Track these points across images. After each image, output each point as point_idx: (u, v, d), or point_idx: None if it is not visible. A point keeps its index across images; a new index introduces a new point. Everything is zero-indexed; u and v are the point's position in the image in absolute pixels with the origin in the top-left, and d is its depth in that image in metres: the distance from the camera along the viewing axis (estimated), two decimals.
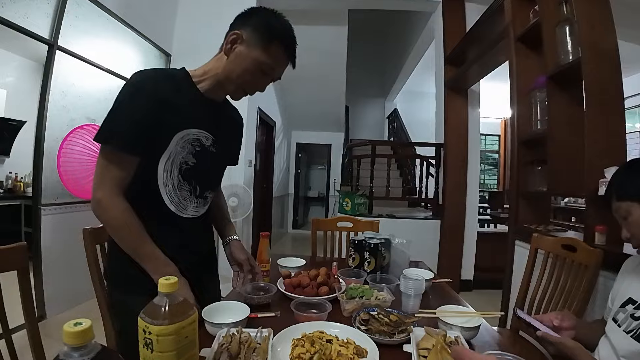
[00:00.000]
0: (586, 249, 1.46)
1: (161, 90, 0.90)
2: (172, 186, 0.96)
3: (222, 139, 1.07)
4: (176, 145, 0.93)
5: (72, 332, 0.44)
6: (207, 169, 1.05)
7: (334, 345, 0.80)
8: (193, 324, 0.62)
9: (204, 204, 1.06)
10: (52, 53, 2.60)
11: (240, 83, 0.97)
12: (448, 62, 3.86)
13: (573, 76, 1.92)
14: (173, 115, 0.92)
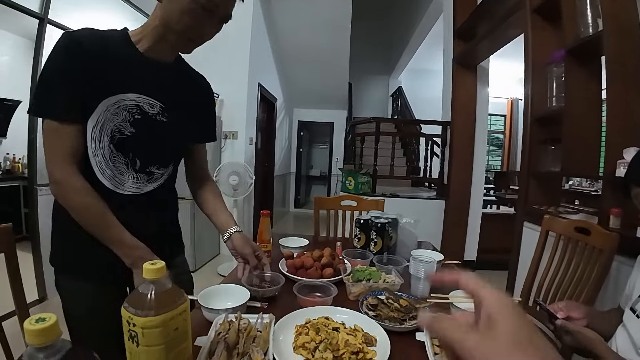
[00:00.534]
0: (602, 232, 1.40)
1: (88, 50, 0.79)
2: (102, 157, 0.84)
3: (177, 107, 0.93)
4: (106, 111, 0.82)
5: (33, 329, 0.37)
6: (151, 140, 0.90)
7: (341, 333, 0.73)
8: (184, 313, 0.55)
9: (147, 180, 0.92)
10: (43, 27, 2.50)
11: (182, 29, 0.81)
12: (457, 37, 3.70)
13: (593, 50, 1.81)
14: (101, 78, 0.81)
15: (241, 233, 1.04)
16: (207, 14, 0.81)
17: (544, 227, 1.72)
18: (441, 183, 3.89)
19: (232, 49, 3.84)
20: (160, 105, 0.90)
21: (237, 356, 0.64)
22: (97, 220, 0.82)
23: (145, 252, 0.84)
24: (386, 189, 4.06)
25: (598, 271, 1.36)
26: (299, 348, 0.71)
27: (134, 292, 0.54)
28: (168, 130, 0.92)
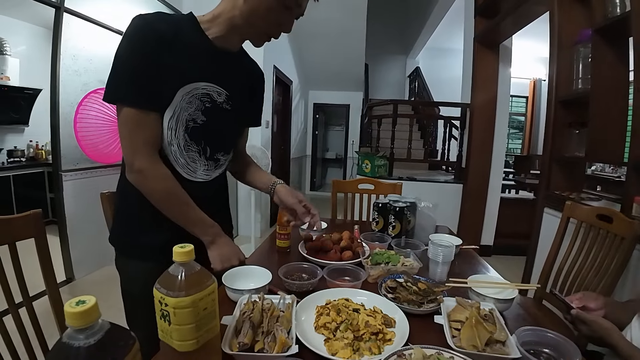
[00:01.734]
0: (624, 220, 1.37)
1: (163, 35, 0.79)
2: (177, 146, 0.87)
3: (238, 94, 0.95)
4: (181, 101, 0.83)
5: (74, 312, 0.38)
6: (219, 128, 0.93)
7: (361, 314, 0.76)
8: (212, 294, 0.58)
9: (215, 166, 0.97)
10: (60, 15, 2.52)
11: (264, 25, 0.84)
12: (479, 14, 3.56)
13: (621, 31, 1.73)
14: (177, 66, 0.81)
15: (283, 184, 1.07)
16: (288, 12, 0.84)
17: (566, 213, 1.69)
18: (459, 166, 3.83)
19: None
20: (226, 94, 0.92)
21: (262, 335, 0.66)
22: (180, 204, 0.86)
23: (219, 230, 0.93)
24: (403, 172, 4.03)
25: (618, 260, 1.34)
26: (321, 328, 0.74)
27: (165, 273, 0.56)
28: (232, 118, 0.96)
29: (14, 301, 0.88)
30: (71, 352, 0.38)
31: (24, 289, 0.91)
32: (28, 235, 0.94)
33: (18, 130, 4.17)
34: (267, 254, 1.29)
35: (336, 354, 0.66)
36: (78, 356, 0.38)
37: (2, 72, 3.79)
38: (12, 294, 0.88)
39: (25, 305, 0.91)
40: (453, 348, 0.67)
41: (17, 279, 0.90)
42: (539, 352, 0.72)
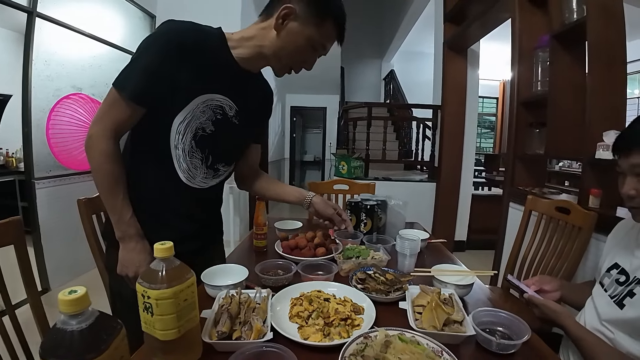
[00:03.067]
0: (580, 211, 1.48)
1: (188, 45, 0.83)
2: (182, 150, 0.90)
3: (247, 111, 1.00)
4: (195, 109, 0.88)
5: (67, 300, 0.43)
6: (225, 140, 0.97)
7: (331, 303, 0.82)
8: (191, 286, 0.63)
9: (213, 175, 1.00)
10: (32, 20, 2.48)
11: (289, 61, 0.92)
12: (448, 20, 3.71)
13: (577, 36, 1.87)
14: (199, 76, 0.86)
15: (318, 196, 1.21)
16: (314, 52, 0.92)
17: (527, 207, 1.81)
18: (432, 166, 3.97)
19: None
20: (236, 109, 0.97)
21: (240, 324, 0.71)
22: (106, 185, 0.86)
23: (136, 233, 0.89)
24: (379, 172, 4.14)
25: (577, 248, 1.45)
26: (294, 317, 0.79)
27: (147, 269, 0.61)
28: (239, 132, 1.00)
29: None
30: (65, 336, 0.42)
31: (6, 297, 0.91)
32: (7, 242, 0.95)
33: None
34: (245, 254, 1.34)
35: (308, 338, 0.71)
36: (72, 339, 0.42)
37: None
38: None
39: (8, 314, 0.91)
40: (414, 329, 0.74)
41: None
42: (494, 330, 0.80)
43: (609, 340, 0.86)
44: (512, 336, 0.77)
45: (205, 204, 1.04)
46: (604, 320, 0.89)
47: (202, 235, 1.05)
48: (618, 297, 0.86)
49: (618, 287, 0.88)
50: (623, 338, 0.83)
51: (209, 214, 1.09)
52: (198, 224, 1.02)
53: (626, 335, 0.83)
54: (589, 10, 1.76)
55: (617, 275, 0.91)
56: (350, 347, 0.66)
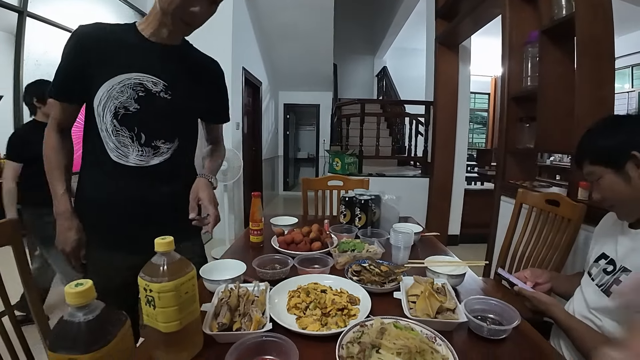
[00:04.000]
0: (569, 203, 1.52)
1: (94, 39, 0.92)
2: (105, 131, 0.95)
3: (181, 86, 1.01)
4: (110, 90, 0.92)
5: (73, 292, 0.45)
6: (155, 116, 0.98)
7: (328, 294, 0.84)
8: (192, 280, 0.64)
9: (153, 153, 0.99)
10: (23, 20, 2.46)
11: (173, 10, 0.89)
12: (439, 16, 3.74)
13: (566, 32, 1.89)
14: (106, 61, 0.92)
15: (203, 179, 1.06)
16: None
17: (518, 200, 1.85)
18: (425, 161, 4.01)
19: (215, 34, 3.82)
20: (164, 84, 0.98)
21: (239, 316, 0.73)
22: (48, 169, 0.98)
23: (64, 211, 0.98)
24: (373, 168, 4.17)
25: (566, 239, 1.49)
26: (292, 308, 0.82)
27: (148, 263, 0.62)
28: (171, 107, 1.00)
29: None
30: (73, 327, 0.44)
31: (5, 297, 0.91)
32: (5, 243, 0.95)
33: None
34: (241, 250, 1.35)
35: (306, 328, 0.74)
36: (80, 330, 0.44)
37: None
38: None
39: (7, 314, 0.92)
40: (408, 317, 0.76)
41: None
42: (485, 317, 0.83)
43: (597, 327, 0.89)
44: (502, 322, 0.80)
45: (152, 183, 1.01)
46: (592, 308, 0.92)
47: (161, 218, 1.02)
48: (605, 286, 0.90)
49: (605, 276, 0.91)
50: (610, 324, 0.86)
51: (160, 195, 1.03)
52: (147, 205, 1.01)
53: (613, 321, 0.86)
54: (578, 6, 1.79)
55: (605, 265, 0.94)
56: (347, 335, 0.68)
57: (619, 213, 0.93)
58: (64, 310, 0.47)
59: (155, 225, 0.95)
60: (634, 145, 0.83)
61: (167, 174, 1.04)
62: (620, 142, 0.85)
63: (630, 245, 0.89)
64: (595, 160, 0.90)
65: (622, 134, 0.87)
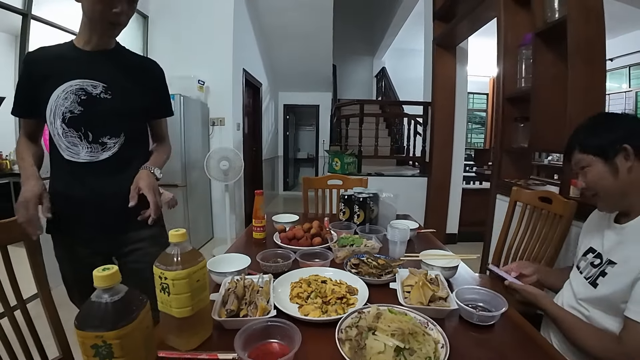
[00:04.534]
0: (561, 200, 1.57)
1: (36, 60, 1.07)
2: (57, 135, 1.06)
3: (119, 85, 1.10)
4: (57, 99, 1.04)
5: (101, 275, 0.51)
6: (98, 115, 1.07)
7: (328, 284, 0.90)
8: (203, 269, 0.70)
9: (102, 149, 1.09)
10: (27, 23, 2.51)
11: (99, 15, 1.02)
12: (437, 18, 3.80)
13: (559, 34, 1.94)
14: (49, 76, 1.04)
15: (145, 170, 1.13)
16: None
17: (512, 197, 1.90)
18: (423, 161, 4.06)
19: (216, 37, 3.89)
20: (103, 85, 1.08)
21: (246, 304, 0.79)
22: (19, 158, 1.11)
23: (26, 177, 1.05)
24: (372, 168, 4.22)
25: (558, 235, 1.54)
26: (295, 298, 0.87)
27: (163, 253, 0.68)
28: (112, 105, 1.09)
29: (9, 304, 0.93)
30: (100, 307, 0.49)
31: (18, 291, 0.96)
32: (20, 238, 1.01)
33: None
34: (244, 246, 1.41)
35: (308, 314, 0.79)
36: (106, 310, 0.49)
37: None
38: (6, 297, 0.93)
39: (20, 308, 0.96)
40: (403, 305, 0.82)
41: (10, 282, 0.95)
42: (475, 305, 0.89)
43: (585, 318, 0.93)
44: (491, 310, 0.86)
45: (104, 176, 1.11)
46: (579, 299, 0.97)
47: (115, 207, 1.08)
48: (592, 278, 0.94)
49: (592, 269, 0.96)
50: (597, 314, 0.90)
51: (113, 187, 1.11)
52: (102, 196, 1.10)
53: (600, 311, 0.90)
54: (570, 9, 1.84)
55: (592, 258, 0.99)
56: (346, 320, 0.74)
57: (600, 203, 0.97)
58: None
59: (111, 214, 1.11)
60: (627, 139, 0.87)
61: (117, 166, 1.13)
62: (614, 135, 0.89)
63: (615, 239, 0.93)
64: (586, 149, 0.92)
65: (618, 128, 0.90)
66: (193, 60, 3.87)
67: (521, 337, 0.81)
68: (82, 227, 1.12)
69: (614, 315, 0.86)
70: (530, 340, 0.80)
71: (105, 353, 0.48)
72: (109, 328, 0.48)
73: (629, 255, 0.85)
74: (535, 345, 0.78)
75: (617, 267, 0.88)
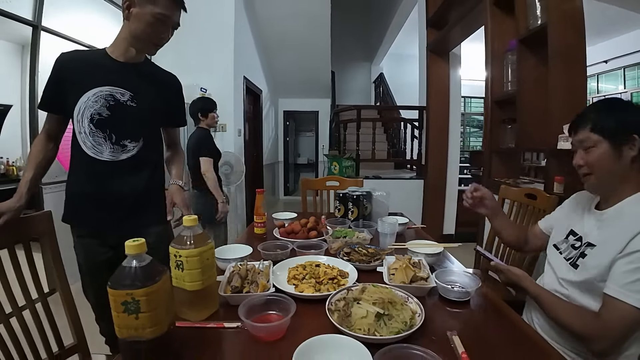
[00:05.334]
0: (544, 196, 1.67)
1: (72, 62, 1.17)
2: (84, 133, 1.16)
3: (144, 96, 1.22)
4: (87, 100, 1.14)
5: (132, 245, 0.62)
6: (122, 120, 1.18)
7: (321, 267, 1.01)
8: (211, 249, 0.81)
9: (122, 150, 1.20)
10: (37, 34, 2.61)
11: (147, 37, 1.15)
12: (430, 25, 3.93)
13: (541, 39, 2.06)
14: (81, 79, 1.15)
15: (175, 185, 1.35)
16: (162, 25, 1.14)
17: (501, 195, 2.01)
18: (420, 164, 4.17)
19: (218, 46, 4.03)
20: (130, 94, 1.20)
21: (248, 284, 0.90)
22: (28, 160, 1.20)
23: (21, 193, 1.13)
24: (370, 171, 4.34)
25: None
26: (292, 279, 0.98)
27: (178, 236, 0.79)
28: (136, 113, 1.21)
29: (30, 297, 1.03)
30: (130, 271, 0.61)
31: (39, 286, 1.06)
32: (40, 233, 1.08)
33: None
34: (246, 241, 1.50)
35: (303, 291, 0.90)
36: (135, 272, 0.61)
37: None
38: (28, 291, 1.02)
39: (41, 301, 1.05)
40: (387, 283, 0.92)
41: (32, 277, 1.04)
42: (454, 285, 0.99)
43: (565, 297, 0.99)
44: (467, 288, 0.96)
45: (121, 175, 1.22)
46: (560, 278, 1.03)
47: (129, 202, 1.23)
48: (573, 259, 1.00)
49: (573, 251, 1.02)
50: (577, 294, 0.96)
51: (128, 185, 1.23)
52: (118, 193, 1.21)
53: (579, 291, 0.96)
54: (550, 16, 1.96)
55: (573, 241, 1.04)
56: (335, 295, 0.84)
57: (591, 184, 0.99)
58: None
59: (125, 210, 1.23)
60: (638, 130, 0.89)
61: (133, 167, 1.24)
62: (629, 122, 0.90)
63: (595, 224, 0.99)
64: (597, 129, 0.93)
65: (634, 116, 0.92)
66: (195, 68, 3.99)
67: (493, 311, 0.92)
68: (96, 219, 1.23)
69: (593, 295, 0.90)
70: (501, 314, 0.90)
71: (133, 309, 0.59)
72: (137, 286, 0.59)
73: (607, 238, 0.91)
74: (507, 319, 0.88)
75: (596, 249, 0.92)
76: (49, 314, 1.07)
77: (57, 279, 1.11)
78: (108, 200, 1.21)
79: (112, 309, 0.60)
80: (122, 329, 0.60)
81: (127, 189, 1.22)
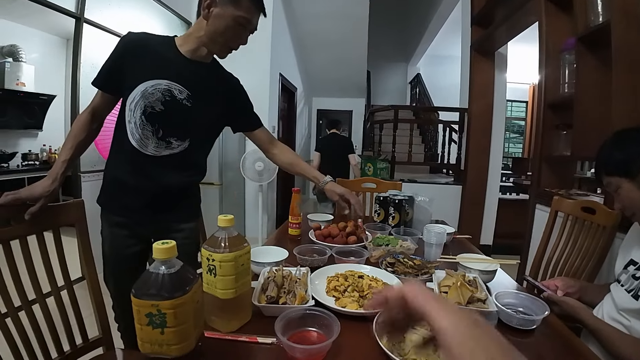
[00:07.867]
0: (605, 210, 1.50)
1: (134, 46, 1.11)
2: (134, 124, 1.11)
3: (202, 97, 1.17)
4: (144, 91, 1.08)
5: (160, 248, 0.55)
6: (174, 118, 1.13)
7: (365, 280, 0.91)
8: (247, 254, 0.73)
9: (165, 146, 1.15)
10: (80, 26, 2.67)
11: (224, 41, 1.10)
12: (475, 23, 3.73)
13: (602, 39, 1.87)
14: (144, 67, 1.09)
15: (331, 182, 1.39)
16: (242, 28, 1.10)
17: (554, 207, 1.83)
18: (458, 169, 3.98)
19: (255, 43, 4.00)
20: (188, 93, 1.14)
21: (284, 293, 0.81)
22: (67, 138, 1.15)
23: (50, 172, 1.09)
24: (404, 175, 4.18)
25: (601, 247, 1.47)
26: (332, 291, 0.89)
27: (211, 237, 0.72)
28: (190, 113, 1.16)
29: (56, 284, 1.01)
30: (158, 277, 0.53)
31: (66, 274, 1.04)
32: (71, 222, 1.08)
33: (32, 134, 4.29)
34: (280, 242, 1.43)
35: (345, 307, 0.81)
36: (163, 280, 0.53)
37: (18, 78, 3.90)
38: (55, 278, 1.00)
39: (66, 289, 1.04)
40: None
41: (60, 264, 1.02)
42: (515, 310, 0.87)
43: (626, 328, 0.90)
44: (531, 314, 0.84)
45: (160, 170, 1.18)
46: (620, 310, 0.94)
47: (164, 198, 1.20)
48: (635, 290, 0.91)
49: (634, 282, 0.93)
50: (638, 324, 0.88)
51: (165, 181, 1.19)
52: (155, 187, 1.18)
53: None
54: (614, 13, 1.77)
55: (634, 271, 0.96)
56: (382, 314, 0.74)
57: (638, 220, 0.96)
58: None
59: (160, 204, 1.19)
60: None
61: (174, 166, 1.20)
62: (633, 152, 0.89)
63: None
64: (611, 171, 0.93)
65: (635, 144, 0.90)
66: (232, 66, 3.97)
67: (562, 343, 0.79)
68: (129, 209, 1.19)
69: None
70: (571, 347, 0.77)
71: (158, 322, 0.52)
72: (165, 297, 0.52)
73: None
74: (577, 352, 0.76)
75: None
76: (75, 303, 1.06)
77: (85, 268, 1.09)
78: (143, 192, 1.18)
79: (135, 320, 0.53)
80: (145, 344, 0.53)
81: (165, 184, 1.19)
